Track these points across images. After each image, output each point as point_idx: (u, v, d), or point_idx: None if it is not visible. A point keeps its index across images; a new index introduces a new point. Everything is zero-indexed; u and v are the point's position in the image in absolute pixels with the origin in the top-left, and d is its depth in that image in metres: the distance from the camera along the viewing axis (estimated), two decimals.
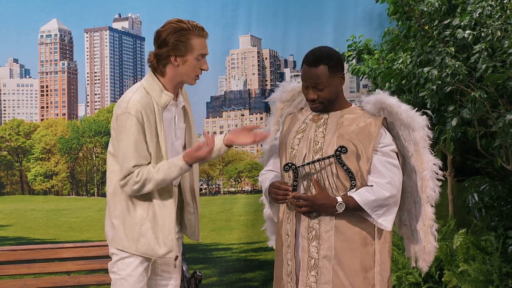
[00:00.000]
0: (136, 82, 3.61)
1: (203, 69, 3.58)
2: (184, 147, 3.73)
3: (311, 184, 3.42)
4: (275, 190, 3.45)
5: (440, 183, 3.53)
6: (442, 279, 6.18)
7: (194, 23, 3.51)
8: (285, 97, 3.80)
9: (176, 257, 3.69)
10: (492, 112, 5.40)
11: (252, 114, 16.97)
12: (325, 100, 3.48)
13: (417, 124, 3.42)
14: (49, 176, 15.39)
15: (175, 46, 3.47)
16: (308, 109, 3.61)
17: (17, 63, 16.74)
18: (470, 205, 6.57)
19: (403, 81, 6.24)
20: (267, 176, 3.68)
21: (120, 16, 15.97)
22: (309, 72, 3.45)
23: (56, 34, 16.45)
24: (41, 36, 16.25)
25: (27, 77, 16.76)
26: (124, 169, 3.49)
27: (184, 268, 5.20)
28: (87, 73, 15.88)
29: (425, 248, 3.56)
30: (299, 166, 3.41)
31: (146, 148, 3.49)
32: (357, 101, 3.57)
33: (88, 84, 15.79)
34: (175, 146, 3.65)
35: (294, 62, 15.76)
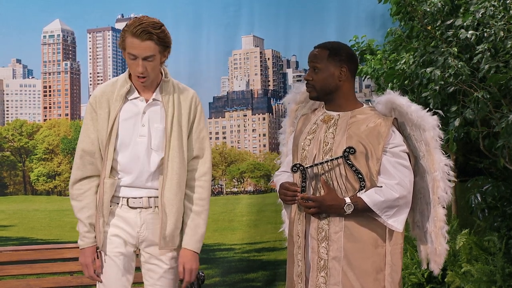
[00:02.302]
0: None
1: (136, 71, 3.48)
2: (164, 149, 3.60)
3: (320, 185, 3.41)
4: (284, 191, 3.45)
5: (452, 184, 3.50)
6: (445, 280, 6.18)
7: (136, 23, 3.43)
8: (299, 98, 3.80)
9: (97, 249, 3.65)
10: (495, 112, 5.40)
11: (255, 115, 16.99)
12: (317, 85, 3.47)
13: (427, 124, 3.39)
14: (52, 176, 15.42)
15: (119, 42, 3.51)
16: (320, 110, 3.61)
17: (20, 63, 16.77)
18: (473, 205, 6.57)
19: (406, 82, 6.24)
20: (281, 177, 3.68)
21: (122, 17, 15.99)
22: (311, 53, 3.52)
23: (59, 35, 16.48)
24: (44, 36, 16.28)
25: (30, 77, 16.77)
26: (76, 150, 3.60)
27: None
28: (90, 73, 15.91)
29: (436, 250, 3.53)
30: (307, 167, 3.40)
31: (96, 136, 3.55)
32: (370, 102, 3.56)
33: (91, 84, 15.82)
34: (137, 142, 3.56)
35: (297, 62, 15.76)
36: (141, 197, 3.60)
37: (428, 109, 3.46)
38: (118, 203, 3.61)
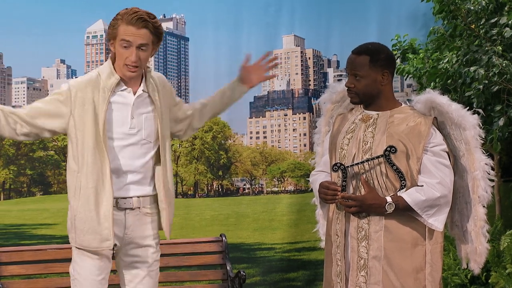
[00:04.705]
0: (181, 82, 3.61)
1: (129, 60, 3.40)
2: (158, 138, 3.53)
3: (360, 184, 3.40)
4: (324, 191, 3.45)
5: (492, 184, 3.47)
6: (489, 281, 6.12)
7: (131, 11, 3.40)
8: (335, 98, 3.80)
9: (115, 246, 3.47)
10: None
11: (295, 114, 17.04)
12: (360, 92, 3.46)
13: (468, 123, 3.38)
14: None
15: (109, 31, 3.42)
16: (358, 109, 3.60)
17: (64, 63, 17.06)
18: None
19: (449, 81, 6.19)
20: (318, 176, 3.67)
21: (164, 17, 16.16)
22: (350, 59, 3.47)
23: (102, 35, 16.69)
24: (87, 37, 16.54)
25: (74, 77, 17.04)
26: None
27: (228, 268, 5.23)
28: None
29: (476, 249, 3.51)
30: (348, 166, 3.39)
31: (47, 112, 3.39)
32: (409, 101, 3.54)
33: None
34: (129, 134, 3.46)
35: (338, 62, 15.74)
36: (131, 197, 3.51)
37: (468, 108, 3.43)
38: None
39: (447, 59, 6.05)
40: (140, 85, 3.51)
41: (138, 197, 3.52)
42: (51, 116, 3.41)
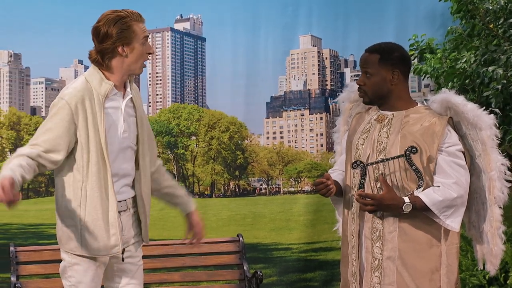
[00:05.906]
0: (197, 82, 3.60)
1: (150, 53, 3.55)
2: (137, 142, 3.56)
3: (378, 183, 3.40)
4: (317, 182, 3.48)
5: (508, 184, 3.45)
6: (508, 282, 6.08)
7: (130, 10, 3.50)
8: (354, 97, 3.80)
9: (123, 251, 3.49)
10: None
11: (312, 114, 17.05)
12: (369, 90, 3.46)
13: (484, 123, 3.36)
14: None
15: (119, 35, 3.40)
16: (374, 109, 3.60)
17: (82, 64, 17.16)
18: None
19: (467, 81, 6.16)
20: (332, 175, 3.68)
21: (181, 17, 16.21)
22: (362, 57, 3.49)
23: None
24: None
25: None
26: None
27: (245, 268, 5.24)
28: (149, 73, 16.18)
29: (492, 251, 3.50)
30: (367, 164, 3.39)
31: (62, 140, 3.33)
32: (426, 101, 3.53)
33: (150, 84, 16.09)
34: (122, 138, 3.49)
35: (355, 61, 15.73)
36: (125, 200, 3.54)
37: (486, 108, 3.42)
38: None
39: (465, 59, 6.03)
40: (125, 88, 3.54)
41: (130, 198, 3.56)
42: (66, 142, 3.37)
